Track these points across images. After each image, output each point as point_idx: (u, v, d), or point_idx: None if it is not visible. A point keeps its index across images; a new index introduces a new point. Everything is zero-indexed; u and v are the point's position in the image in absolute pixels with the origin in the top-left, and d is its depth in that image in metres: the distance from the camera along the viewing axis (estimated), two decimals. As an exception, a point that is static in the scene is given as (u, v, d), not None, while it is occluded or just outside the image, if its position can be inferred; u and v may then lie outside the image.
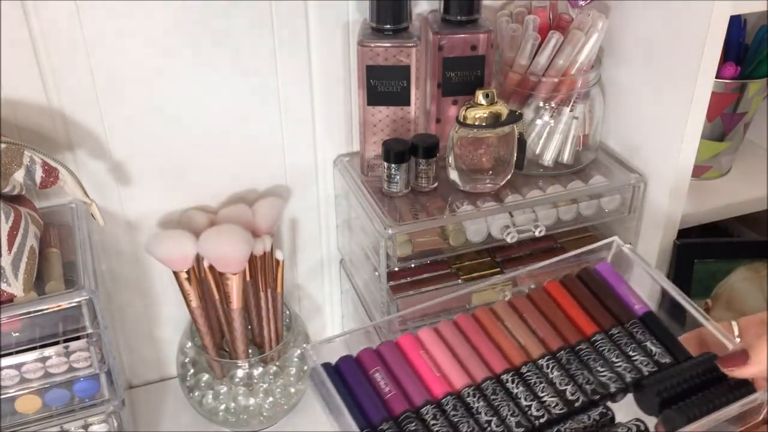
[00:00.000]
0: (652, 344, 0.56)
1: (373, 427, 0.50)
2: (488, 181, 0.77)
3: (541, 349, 0.56)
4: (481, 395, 0.53)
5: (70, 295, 0.65)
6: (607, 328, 0.58)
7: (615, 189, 0.79)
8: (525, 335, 0.57)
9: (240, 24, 0.74)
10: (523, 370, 0.54)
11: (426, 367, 0.54)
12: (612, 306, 0.59)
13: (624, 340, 0.57)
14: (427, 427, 0.50)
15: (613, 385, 0.54)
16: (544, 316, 0.59)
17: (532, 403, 0.52)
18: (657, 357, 0.56)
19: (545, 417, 0.51)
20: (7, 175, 0.64)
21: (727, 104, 0.82)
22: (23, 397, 0.68)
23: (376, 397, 0.52)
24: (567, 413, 0.52)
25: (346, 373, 0.54)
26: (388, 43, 0.74)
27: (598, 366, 0.55)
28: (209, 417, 0.84)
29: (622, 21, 0.78)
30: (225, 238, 0.75)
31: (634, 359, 0.55)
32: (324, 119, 0.83)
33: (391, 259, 0.74)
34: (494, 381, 0.54)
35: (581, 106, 0.79)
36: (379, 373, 0.53)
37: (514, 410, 0.52)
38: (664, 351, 0.56)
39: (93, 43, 0.70)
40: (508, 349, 0.56)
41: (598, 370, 0.55)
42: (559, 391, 0.53)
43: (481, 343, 0.57)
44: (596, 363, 0.55)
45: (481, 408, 0.52)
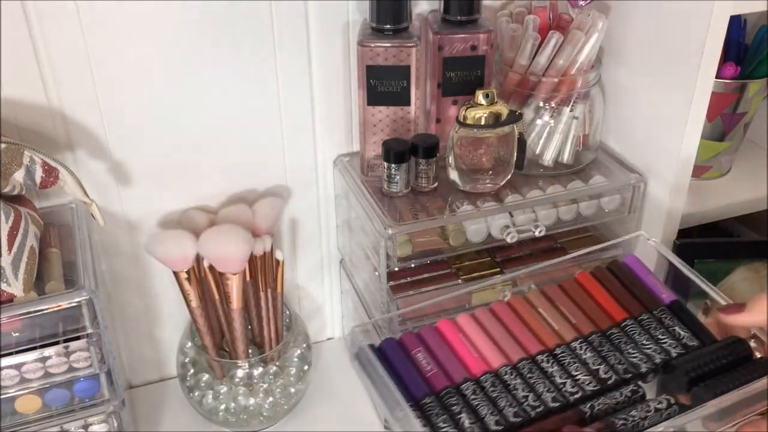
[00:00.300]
0: (680, 329, 0.60)
1: (417, 401, 0.53)
2: (488, 181, 0.77)
3: (574, 333, 0.59)
4: (518, 374, 0.56)
5: (70, 295, 0.65)
6: (637, 315, 0.61)
7: (615, 189, 0.79)
8: (558, 321, 0.61)
9: (240, 24, 0.74)
10: (557, 352, 0.58)
11: (464, 348, 0.58)
12: (640, 295, 0.63)
13: (653, 326, 0.60)
14: (467, 402, 0.54)
15: (644, 365, 0.56)
16: (576, 304, 0.62)
17: (566, 381, 0.55)
18: (684, 340, 0.59)
19: (579, 393, 0.54)
20: (7, 175, 0.64)
21: (727, 104, 0.82)
22: (23, 397, 0.68)
23: (418, 375, 0.55)
24: (600, 390, 0.54)
25: (390, 353, 0.57)
26: (388, 43, 0.74)
27: (629, 348, 0.58)
28: (209, 417, 0.84)
29: (622, 21, 0.78)
30: (225, 238, 0.75)
31: (663, 342, 0.58)
32: (324, 119, 0.83)
33: (391, 259, 0.74)
34: (530, 361, 0.57)
35: (581, 106, 0.79)
36: (421, 353, 0.57)
37: (550, 387, 0.55)
38: (691, 335, 0.59)
39: (93, 43, 0.70)
40: (542, 333, 0.60)
41: (629, 352, 0.58)
42: (591, 371, 0.56)
43: (516, 327, 0.60)
44: (627, 346, 0.58)
45: (518, 385, 0.55)
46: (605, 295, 0.63)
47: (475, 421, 0.52)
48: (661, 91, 0.74)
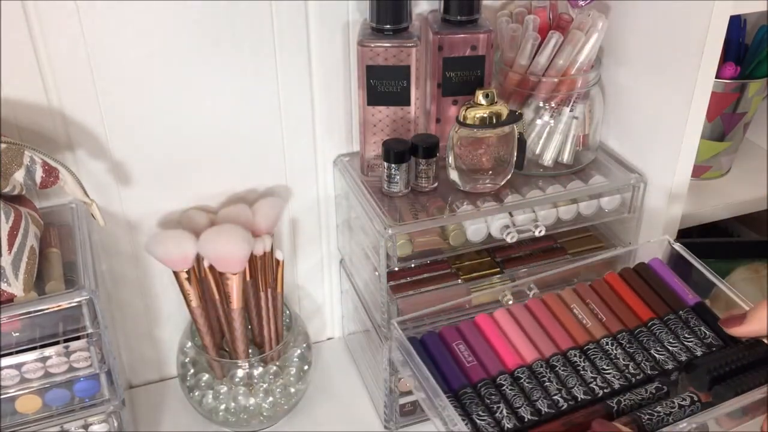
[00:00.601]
0: (704, 330, 0.62)
1: (455, 392, 0.56)
2: (488, 181, 0.77)
3: (603, 331, 0.62)
4: (550, 368, 0.59)
5: (71, 295, 0.65)
6: (662, 315, 0.64)
7: (615, 189, 0.79)
8: (589, 318, 0.64)
9: (240, 24, 0.74)
10: (587, 348, 0.61)
11: (501, 342, 0.61)
12: (666, 296, 0.65)
13: (678, 326, 0.62)
14: (502, 394, 0.57)
15: (669, 363, 0.59)
16: (605, 303, 0.65)
17: (596, 377, 0.58)
18: (708, 340, 0.61)
19: (607, 389, 0.57)
20: (7, 175, 0.64)
21: (726, 104, 0.82)
22: (23, 397, 0.68)
23: (456, 366, 0.59)
24: (626, 386, 0.57)
25: (431, 346, 0.61)
26: (388, 43, 0.74)
27: (656, 347, 0.61)
28: (209, 417, 0.84)
29: (622, 21, 0.78)
30: (225, 238, 0.75)
31: (688, 342, 0.61)
32: (324, 119, 0.83)
33: (391, 259, 0.74)
34: (561, 356, 0.60)
35: (581, 106, 0.79)
36: (462, 345, 0.60)
37: (580, 382, 0.58)
38: (715, 336, 0.61)
39: (93, 43, 0.70)
40: (574, 330, 0.63)
41: (656, 350, 0.60)
42: (619, 367, 0.59)
43: (549, 323, 0.63)
44: (653, 344, 0.61)
45: (551, 378, 0.58)
46: (632, 296, 0.66)
47: (511, 412, 0.55)
48: (661, 91, 0.75)
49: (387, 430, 0.86)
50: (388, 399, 0.83)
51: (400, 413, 0.85)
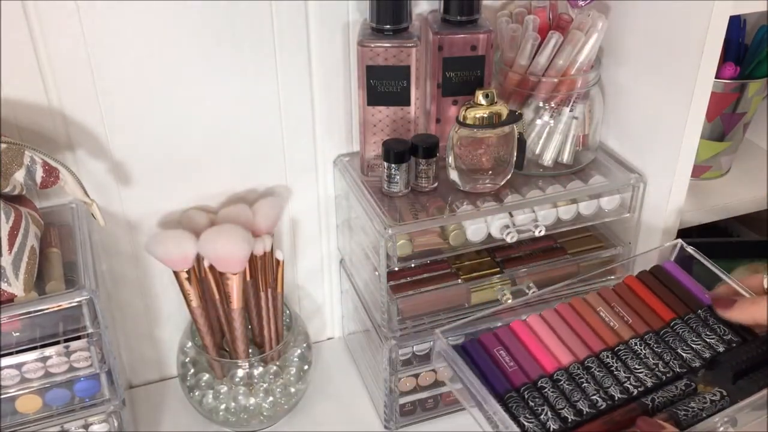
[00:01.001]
0: (720, 327, 0.64)
1: (500, 396, 0.58)
2: (488, 181, 0.77)
3: (631, 333, 0.64)
4: (585, 369, 0.61)
5: (71, 295, 0.65)
6: (683, 315, 0.66)
7: (615, 189, 0.79)
8: (616, 321, 0.66)
9: (240, 24, 0.74)
10: (617, 350, 0.63)
11: (537, 346, 0.63)
12: (683, 297, 0.68)
13: (699, 325, 0.65)
14: (544, 396, 0.59)
15: (696, 360, 0.61)
16: (629, 305, 0.67)
17: (629, 376, 0.60)
18: (727, 337, 0.63)
19: (641, 387, 0.59)
20: (7, 175, 0.64)
21: (726, 104, 0.82)
22: (23, 396, 0.68)
23: (499, 372, 0.61)
24: (658, 384, 0.60)
25: (473, 354, 0.62)
26: (388, 43, 0.74)
27: (682, 346, 0.63)
28: (209, 417, 0.84)
29: (622, 21, 0.78)
30: (225, 238, 0.75)
31: (710, 339, 0.63)
32: (324, 119, 0.83)
33: (391, 259, 0.74)
34: (595, 358, 0.62)
35: (581, 106, 0.79)
36: (503, 351, 0.62)
37: (614, 381, 0.60)
38: (732, 332, 0.64)
39: (93, 43, 0.70)
40: (603, 332, 0.65)
41: (683, 349, 0.62)
42: (650, 366, 0.61)
43: (579, 327, 0.65)
44: (679, 344, 0.63)
45: (588, 379, 0.60)
46: (653, 298, 0.68)
47: (554, 413, 0.57)
48: (660, 91, 0.75)
49: (387, 430, 0.86)
50: (388, 399, 0.83)
51: (400, 413, 0.85)
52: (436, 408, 0.87)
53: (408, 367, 0.82)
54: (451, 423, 0.87)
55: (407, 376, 0.83)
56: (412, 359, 0.82)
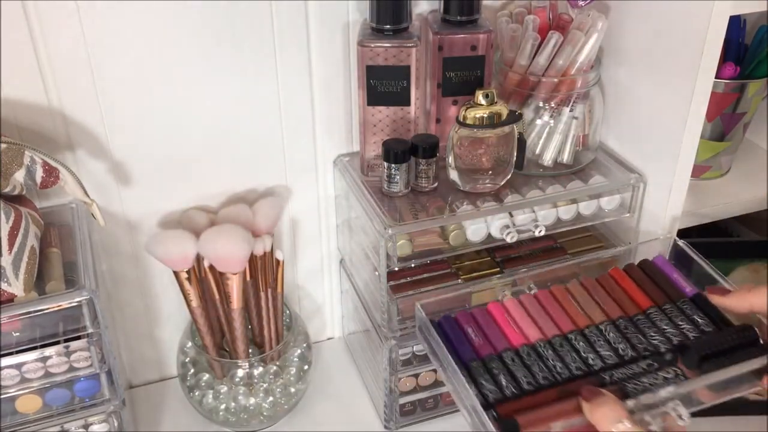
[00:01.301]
0: (699, 317, 0.66)
1: (465, 363, 0.63)
2: (488, 181, 0.77)
3: (603, 317, 0.67)
4: (550, 347, 0.65)
5: (71, 295, 0.65)
6: (661, 304, 0.68)
7: (615, 189, 0.79)
8: (591, 307, 0.69)
9: (240, 24, 0.74)
10: (585, 331, 0.66)
11: (508, 325, 0.67)
12: (666, 288, 0.70)
13: (674, 313, 0.67)
14: (506, 366, 0.63)
15: (662, 345, 0.64)
16: (608, 293, 0.70)
17: (589, 354, 0.64)
18: (702, 327, 0.65)
19: (601, 364, 0.62)
20: (7, 175, 0.64)
21: (726, 104, 0.82)
22: (23, 396, 0.68)
23: (468, 344, 0.65)
24: (619, 363, 0.63)
25: (446, 327, 0.67)
26: (388, 43, 0.74)
27: (651, 331, 0.65)
28: (209, 417, 0.84)
29: (622, 21, 0.78)
30: (225, 238, 0.75)
31: (682, 328, 0.65)
32: (324, 119, 0.83)
33: (391, 259, 0.74)
34: (562, 337, 0.65)
35: (581, 106, 0.79)
36: (471, 327, 0.67)
37: (575, 358, 0.63)
38: (709, 322, 0.66)
39: (93, 43, 0.70)
40: (576, 316, 0.68)
41: (651, 335, 0.65)
42: (614, 347, 0.64)
43: (554, 310, 0.69)
44: (649, 329, 0.66)
45: (549, 356, 0.64)
46: (634, 288, 0.71)
47: (512, 381, 0.61)
48: (660, 91, 0.75)
49: (387, 430, 0.86)
50: (388, 399, 0.83)
51: (400, 413, 0.85)
52: (436, 408, 0.87)
53: (408, 367, 0.82)
54: (451, 423, 0.87)
55: (407, 376, 0.83)
56: (412, 359, 0.82)
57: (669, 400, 0.57)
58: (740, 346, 0.61)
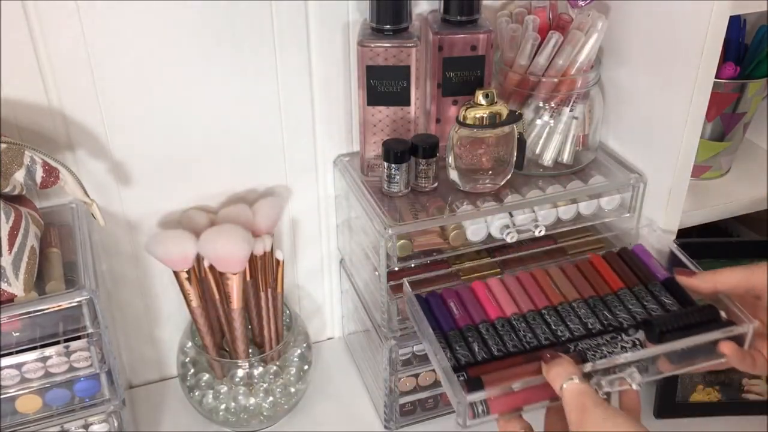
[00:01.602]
0: (666, 298, 0.70)
1: (444, 332, 0.68)
2: (488, 181, 0.77)
3: (576, 295, 0.72)
4: (524, 320, 0.70)
5: (71, 295, 0.65)
6: (632, 286, 0.72)
7: (615, 189, 0.79)
8: (567, 287, 0.73)
9: (240, 24, 0.74)
10: (558, 308, 0.71)
11: (487, 301, 0.72)
12: (639, 272, 0.74)
13: (643, 295, 0.71)
14: (481, 336, 0.68)
15: (626, 322, 0.68)
16: (584, 276, 0.75)
17: (559, 327, 0.68)
18: (668, 307, 0.69)
19: (569, 335, 0.67)
20: (7, 175, 0.64)
21: (726, 104, 0.82)
22: (24, 396, 0.68)
23: (449, 316, 0.70)
24: (584, 335, 0.67)
25: (431, 302, 0.72)
26: (388, 43, 0.74)
27: (618, 309, 0.70)
28: (209, 417, 0.84)
29: (622, 21, 0.78)
30: (225, 238, 0.75)
31: (649, 307, 0.69)
32: (324, 119, 0.83)
33: (391, 259, 0.74)
34: (536, 312, 0.70)
35: (581, 106, 0.79)
36: (453, 302, 0.72)
37: (546, 330, 0.68)
38: (675, 302, 0.69)
39: (93, 43, 0.70)
40: (551, 294, 0.72)
41: (617, 312, 0.69)
42: (583, 322, 0.69)
43: (532, 289, 0.73)
44: (617, 308, 0.70)
45: (522, 327, 0.69)
46: (609, 272, 0.75)
47: (484, 347, 0.67)
48: (660, 91, 0.75)
49: (387, 430, 0.86)
50: (388, 399, 0.83)
51: (400, 413, 0.85)
52: (436, 408, 0.87)
53: (408, 367, 0.82)
54: (451, 423, 0.87)
55: (407, 376, 0.83)
56: (412, 359, 0.82)
57: (625, 367, 0.62)
58: (701, 323, 0.65)
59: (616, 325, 0.68)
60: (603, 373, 0.62)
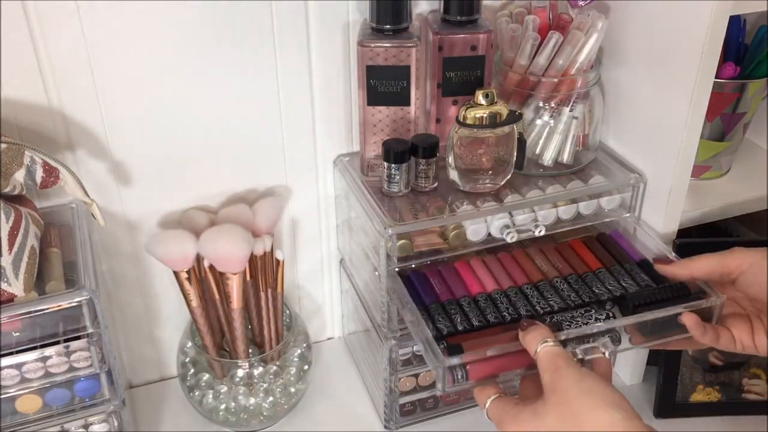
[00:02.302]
0: (641, 277, 0.75)
1: (425, 306, 0.72)
2: (488, 181, 0.77)
3: (555, 273, 0.76)
4: (504, 295, 0.74)
5: (71, 295, 0.65)
6: (609, 266, 0.77)
7: (615, 189, 0.80)
8: (547, 266, 0.78)
9: (240, 24, 0.74)
10: (539, 284, 0.75)
11: (470, 278, 0.76)
12: (616, 254, 0.79)
13: (620, 273, 0.76)
14: (462, 310, 0.72)
15: (604, 297, 0.73)
16: (564, 257, 0.79)
17: (539, 302, 0.72)
18: (643, 284, 0.74)
19: (547, 309, 0.72)
20: (7, 175, 0.64)
21: (726, 104, 0.82)
22: (24, 396, 0.68)
23: (431, 292, 0.74)
24: (563, 309, 0.72)
25: (414, 279, 0.76)
26: (388, 43, 0.74)
27: (596, 286, 0.74)
28: (209, 417, 0.84)
29: (622, 21, 0.78)
30: (225, 238, 0.75)
31: (624, 284, 0.74)
32: (324, 119, 0.83)
33: (391, 259, 0.74)
34: (516, 289, 0.74)
35: (581, 106, 0.79)
36: (436, 280, 0.76)
37: (525, 304, 0.72)
38: (650, 280, 0.74)
39: (93, 43, 0.70)
40: (531, 272, 0.77)
41: (596, 288, 0.74)
42: (561, 296, 0.73)
43: (513, 268, 0.78)
44: (594, 284, 0.74)
45: (503, 301, 0.73)
46: (588, 253, 0.79)
47: (465, 319, 0.71)
48: (660, 91, 0.75)
49: (387, 430, 0.86)
50: (388, 399, 0.83)
51: (400, 413, 0.85)
52: (436, 408, 0.87)
53: (408, 367, 0.82)
54: (451, 423, 0.87)
55: (407, 376, 0.83)
56: (412, 359, 0.82)
57: (598, 336, 0.67)
58: (672, 299, 0.69)
59: (593, 300, 0.72)
60: (577, 341, 0.66)
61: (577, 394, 0.55)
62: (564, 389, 0.56)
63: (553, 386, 0.57)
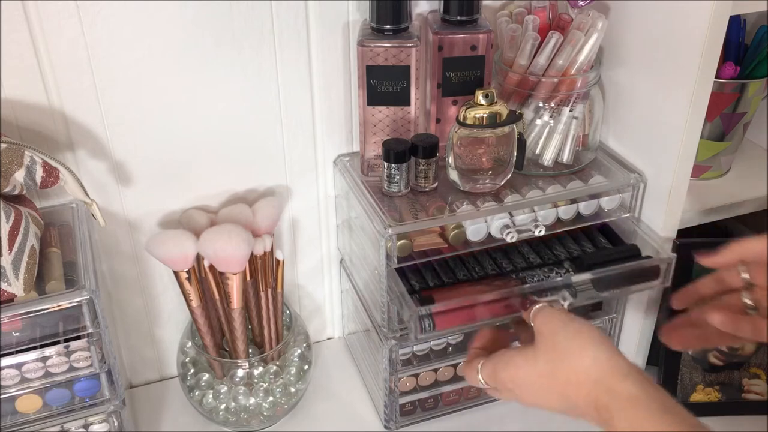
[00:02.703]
0: (600, 239, 0.83)
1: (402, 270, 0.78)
2: (488, 181, 0.77)
3: None
4: (473, 256, 0.81)
5: (71, 295, 0.65)
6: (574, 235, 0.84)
7: (615, 189, 0.79)
8: None
9: (240, 24, 0.74)
10: (505, 247, 0.81)
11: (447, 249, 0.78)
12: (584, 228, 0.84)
13: (581, 237, 0.84)
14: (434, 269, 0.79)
15: (563, 257, 0.81)
16: None
17: (504, 261, 0.80)
18: (600, 246, 0.81)
19: (511, 268, 0.79)
20: (7, 175, 0.64)
21: (726, 104, 0.82)
22: (24, 396, 0.68)
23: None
24: (525, 267, 0.79)
25: None
26: (388, 43, 0.74)
27: (557, 248, 0.82)
28: (209, 417, 0.84)
29: (622, 21, 0.78)
30: (225, 238, 0.75)
31: (584, 247, 0.82)
32: (324, 119, 0.83)
33: (391, 259, 0.74)
34: (483, 251, 0.80)
35: (581, 106, 0.79)
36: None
37: (492, 263, 0.80)
38: (608, 243, 0.82)
39: (93, 43, 0.70)
40: None
41: (556, 250, 0.82)
42: (525, 258, 0.81)
43: None
44: (557, 246, 0.82)
45: (471, 261, 0.80)
46: None
47: (437, 277, 0.78)
48: (660, 91, 0.75)
49: (387, 430, 0.86)
50: (388, 399, 0.83)
51: (400, 413, 0.85)
52: (436, 408, 0.87)
53: (408, 367, 0.82)
54: (451, 423, 0.87)
55: (407, 376, 0.83)
56: (412, 359, 0.82)
57: (558, 289, 0.75)
58: (624, 258, 0.78)
59: (554, 260, 0.80)
60: (539, 294, 0.73)
61: (564, 337, 0.60)
62: (553, 333, 0.61)
63: (542, 331, 0.62)
